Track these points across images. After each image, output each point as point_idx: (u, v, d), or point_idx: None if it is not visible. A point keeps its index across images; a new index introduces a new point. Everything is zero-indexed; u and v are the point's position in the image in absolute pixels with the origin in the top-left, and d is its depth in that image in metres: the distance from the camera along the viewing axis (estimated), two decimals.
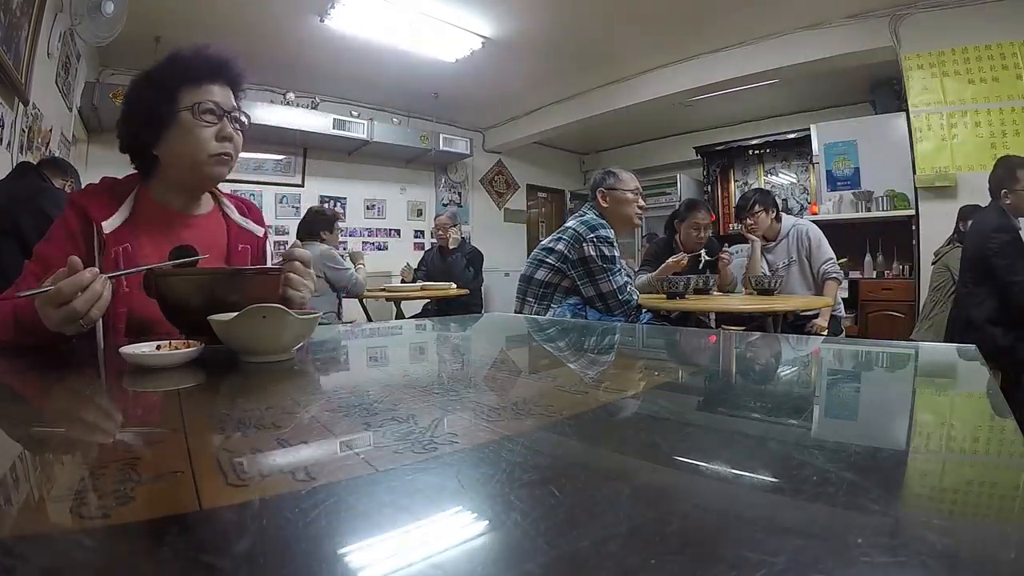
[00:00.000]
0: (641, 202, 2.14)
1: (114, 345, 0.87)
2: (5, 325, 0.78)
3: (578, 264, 1.99)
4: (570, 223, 2.09)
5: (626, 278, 2.05)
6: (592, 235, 1.97)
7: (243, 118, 0.99)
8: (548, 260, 2.05)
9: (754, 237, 2.74)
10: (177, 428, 0.39)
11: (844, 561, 0.19)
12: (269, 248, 1.16)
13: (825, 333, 2.60)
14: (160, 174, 0.99)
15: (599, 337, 1.02)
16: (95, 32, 2.63)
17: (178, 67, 0.94)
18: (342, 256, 3.30)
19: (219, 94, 0.95)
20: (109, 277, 0.73)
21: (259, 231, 1.13)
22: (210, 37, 3.74)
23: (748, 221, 2.73)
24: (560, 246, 2.03)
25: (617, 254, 2.03)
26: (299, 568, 0.19)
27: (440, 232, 4.07)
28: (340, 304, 3.40)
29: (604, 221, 2.04)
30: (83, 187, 1.00)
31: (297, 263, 0.91)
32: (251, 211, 1.14)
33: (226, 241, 1.06)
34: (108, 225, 0.90)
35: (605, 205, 2.10)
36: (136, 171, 1.01)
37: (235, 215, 1.09)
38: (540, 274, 2.05)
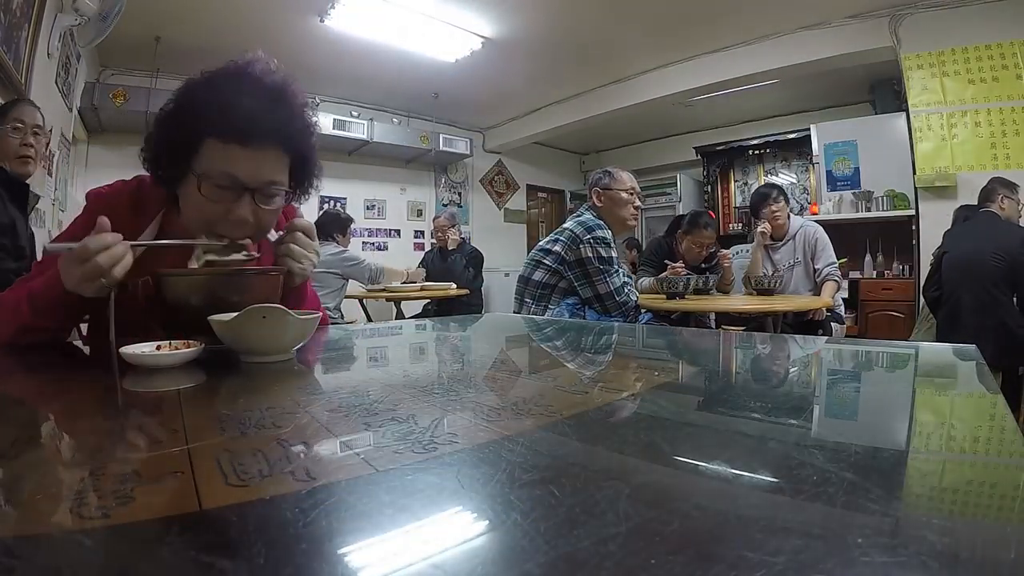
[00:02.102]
0: (637, 202, 2.14)
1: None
2: (17, 311, 0.75)
3: (575, 265, 1.99)
4: (567, 224, 2.10)
5: (624, 279, 2.05)
6: (588, 236, 1.97)
7: (281, 192, 0.78)
8: (545, 261, 2.05)
9: (761, 235, 2.72)
10: (177, 428, 0.39)
11: (844, 561, 0.19)
12: None
13: (828, 314, 2.60)
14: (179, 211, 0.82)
15: (599, 337, 1.02)
16: (94, 34, 2.64)
17: (209, 108, 0.73)
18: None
19: (248, 162, 0.74)
20: (133, 245, 0.72)
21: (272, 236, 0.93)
22: (210, 37, 3.76)
23: (774, 208, 2.71)
24: (557, 247, 2.03)
25: (614, 255, 2.02)
26: (299, 568, 0.19)
27: (439, 233, 4.07)
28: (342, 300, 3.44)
29: (601, 222, 2.04)
30: (102, 188, 0.87)
31: (299, 234, 0.81)
32: (288, 216, 0.93)
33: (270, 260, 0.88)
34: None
35: (600, 204, 2.10)
36: (163, 190, 0.83)
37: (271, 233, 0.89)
38: (538, 275, 2.05)
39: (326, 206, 5.15)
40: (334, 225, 3.38)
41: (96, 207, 0.80)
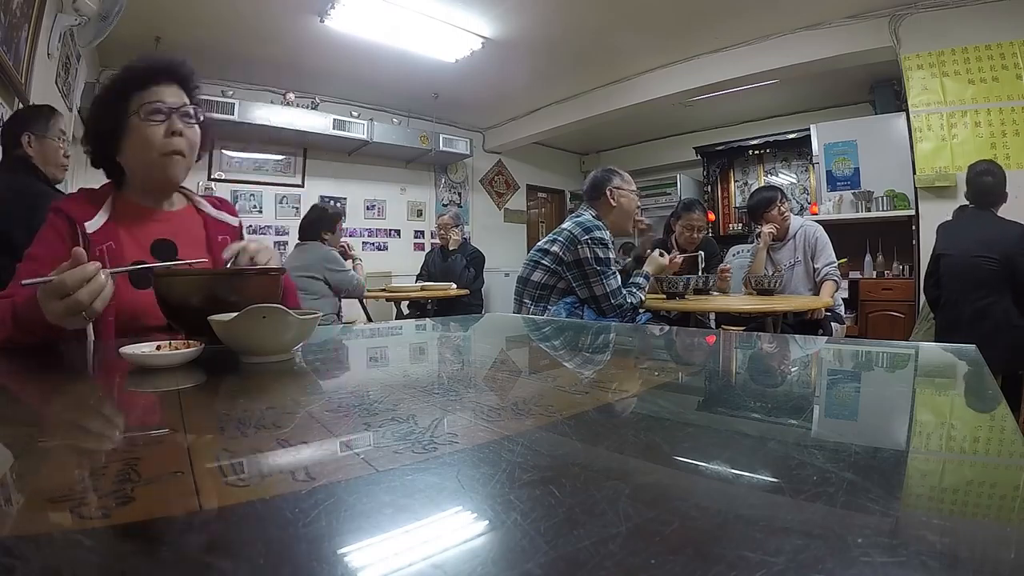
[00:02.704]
0: (638, 201, 2.15)
1: (105, 342, 0.88)
2: (3, 323, 0.78)
3: (573, 266, 1.99)
4: (565, 224, 2.09)
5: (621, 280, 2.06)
6: (587, 237, 1.97)
7: (196, 112, 1.02)
8: (544, 262, 2.05)
9: (767, 235, 2.72)
10: (177, 428, 0.39)
11: (844, 561, 0.19)
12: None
13: (828, 314, 2.60)
14: (127, 179, 1.04)
15: (598, 337, 1.02)
16: (94, 34, 2.63)
17: (127, 76, 0.98)
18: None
19: (167, 93, 0.98)
20: (112, 273, 0.73)
21: (234, 221, 1.16)
22: (210, 37, 3.77)
23: (782, 209, 2.72)
24: (555, 248, 2.03)
25: (612, 255, 2.02)
26: (299, 568, 0.19)
27: (442, 232, 4.07)
28: (340, 306, 3.38)
29: (600, 223, 2.03)
30: (62, 198, 1.05)
31: (250, 245, 0.96)
32: (223, 205, 1.18)
33: (204, 234, 1.09)
34: (91, 226, 0.93)
35: (615, 205, 2.10)
36: (110, 181, 1.05)
37: (209, 209, 1.13)
38: (536, 276, 2.05)
39: (330, 203, 5.16)
40: (321, 223, 3.16)
41: (58, 207, 0.96)
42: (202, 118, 1.05)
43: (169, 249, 1.01)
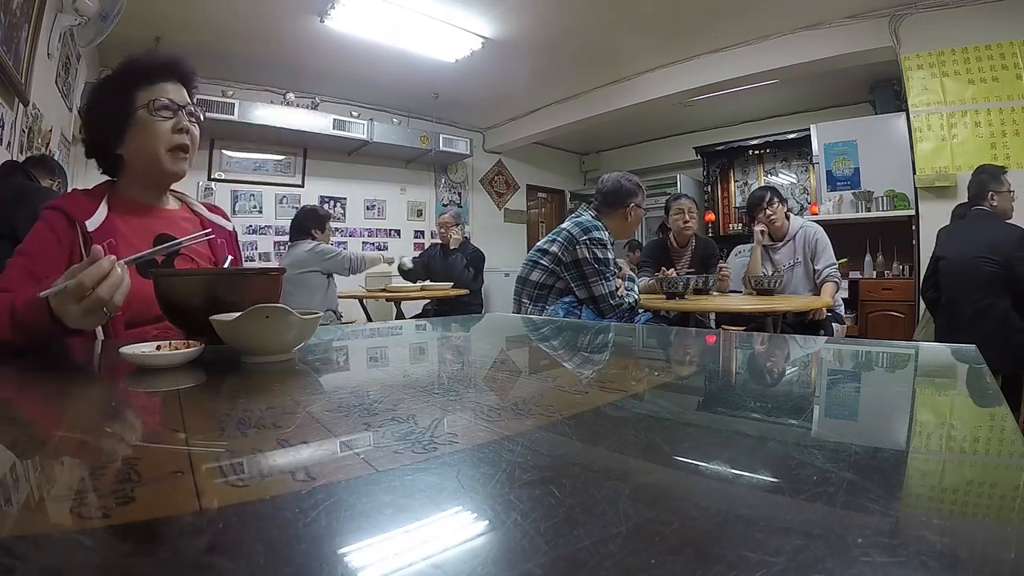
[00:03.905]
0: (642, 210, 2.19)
1: (114, 339, 0.88)
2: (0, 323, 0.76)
3: (571, 266, 1.99)
4: (565, 224, 2.09)
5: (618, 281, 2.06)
6: (586, 237, 1.97)
7: (198, 112, 1.05)
8: (543, 262, 2.05)
9: (759, 234, 2.73)
10: (177, 428, 0.39)
11: (844, 561, 0.19)
12: (238, 244, 1.23)
13: (828, 315, 2.60)
14: (126, 173, 1.04)
15: (598, 337, 1.02)
16: (94, 34, 2.63)
17: (133, 69, 0.99)
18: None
19: (173, 91, 1.01)
20: (129, 261, 0.73)
21: (228, 225, 1.19)
22: (210, 37, 3.77)
23: (768, 212, 2.72)
24: (554, 248, 2.03)
25: (611, 256, 2.02)
26: (299, 568, 0.19)
27: (442, 230, 4.07)
28: (337, 304, 3.39)
29: (599, 223, 2.03)
30: (57, 198, 1.05)
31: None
32: (216, 210, 1.21)
33: (200, 225, 1.10)
34: (92, 223, 0.94)
35: (628, 220, 2.12)
36: (104, 181, 1.06)
37: (203, 210, 1.16)
38: (535, 275, 2.05)
39: (326, 205, 5.16)
40: (311, 220, 3.25)
41: (54, 206, 0.96)
42: (203, 117, 1.07)
43: (170, 242, 1.01)
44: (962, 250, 2.40)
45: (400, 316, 3.82)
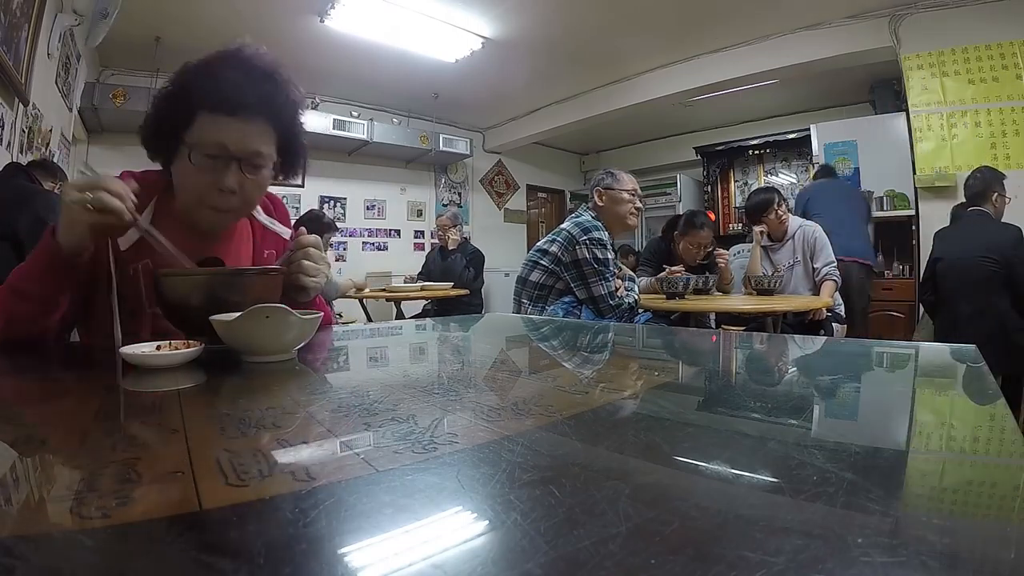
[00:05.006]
0: (638, 203, 2.14)
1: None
2: (2, 302, 0.74)
3: (571, 266, 1.98)
4: (564, 224, 2.09)
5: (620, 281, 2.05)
6: (585, 237, 1.97)
7: (265, 161, 0.83)
8: (542, 262, 2.05)
9: (759, 234, 2.73)
10: (177, 428, 0.39)
11: (844, 561, 0.19)
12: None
13: (828, 315, 2.60)
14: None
15: (598, 337, 1.02)
16: (93, 33, 2.64)
17: (201, 85, 0.78)
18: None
19: (235, 131, 0.78)
20: (145, 229, 0.73)
21: (285, 233, 1.02)
22: (210, 37, 3.74)
23: (779, 212, 2.71)
24: (554, 248, 2.03)
25: (611, 256, 2.02)
26: (299, 568, 0.19)
27: (440, 232, 4.07)
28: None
29: (599, 223, 2.03)
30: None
31: (310, 249, 0.85)
32: (277, 208, 1.04)
33: (251, 248, 0.97)
34: (124, 241, 0.80)
35: (601, 204, 2.09)
36: (160, 171, 0.88)
37: (261, 215, 0.99)
38: (535, 276, 2.05)
39: (326, 206, 5.16)
40: (313, 226, 3.30)
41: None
42: (275, 166, 0.86)
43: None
44: (960, 250, 2.40)
45: (400, 316, 3.83)
